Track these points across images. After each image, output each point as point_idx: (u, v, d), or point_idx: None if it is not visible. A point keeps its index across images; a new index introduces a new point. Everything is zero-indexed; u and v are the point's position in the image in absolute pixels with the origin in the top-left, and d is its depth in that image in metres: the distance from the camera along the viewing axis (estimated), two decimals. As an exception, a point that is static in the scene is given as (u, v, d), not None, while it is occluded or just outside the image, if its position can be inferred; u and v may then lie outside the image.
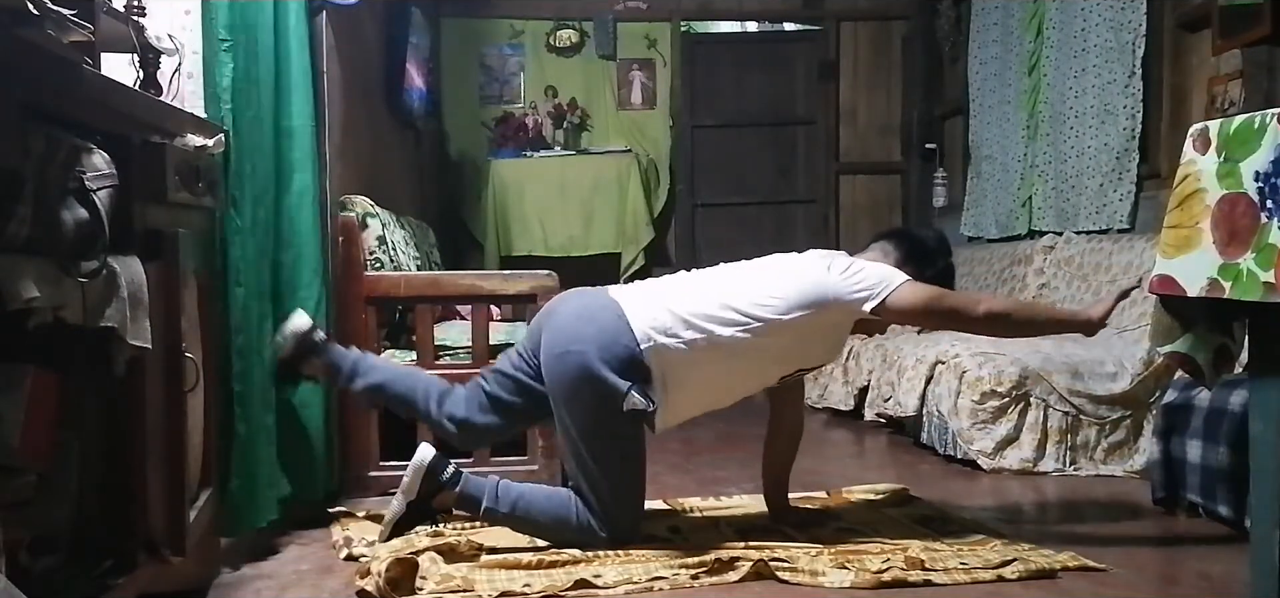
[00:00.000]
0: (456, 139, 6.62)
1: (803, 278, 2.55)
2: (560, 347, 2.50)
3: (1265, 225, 1.71)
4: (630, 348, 2.45)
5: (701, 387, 2.55)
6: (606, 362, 2.43)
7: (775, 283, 2.55)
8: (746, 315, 2.50)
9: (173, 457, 1.91)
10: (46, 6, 1.48)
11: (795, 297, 2.52)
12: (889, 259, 2.67)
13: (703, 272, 2.72)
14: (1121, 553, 2.50)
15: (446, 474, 2.54)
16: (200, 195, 2.08)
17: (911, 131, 6.49)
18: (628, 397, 2.42)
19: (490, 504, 2.53)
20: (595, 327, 2.49)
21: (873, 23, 6.75)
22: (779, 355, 2.58)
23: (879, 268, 2.58)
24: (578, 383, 2.46)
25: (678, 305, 2.52)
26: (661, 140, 6.78)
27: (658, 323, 2.49)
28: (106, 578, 1.72)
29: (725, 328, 2.49)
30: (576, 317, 2.54)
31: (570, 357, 2.47)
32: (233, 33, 2.46)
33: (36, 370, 1.59)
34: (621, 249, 6.52)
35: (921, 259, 2.68)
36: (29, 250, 1.44)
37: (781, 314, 2.50)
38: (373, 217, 3.55)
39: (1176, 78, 4.14)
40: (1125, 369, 3.56)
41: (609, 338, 2.46)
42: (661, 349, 2.47)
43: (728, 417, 2.94)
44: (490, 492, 2.53)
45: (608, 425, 2.47)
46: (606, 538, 2.49)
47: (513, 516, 2.54)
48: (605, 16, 6.68)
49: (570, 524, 2.50)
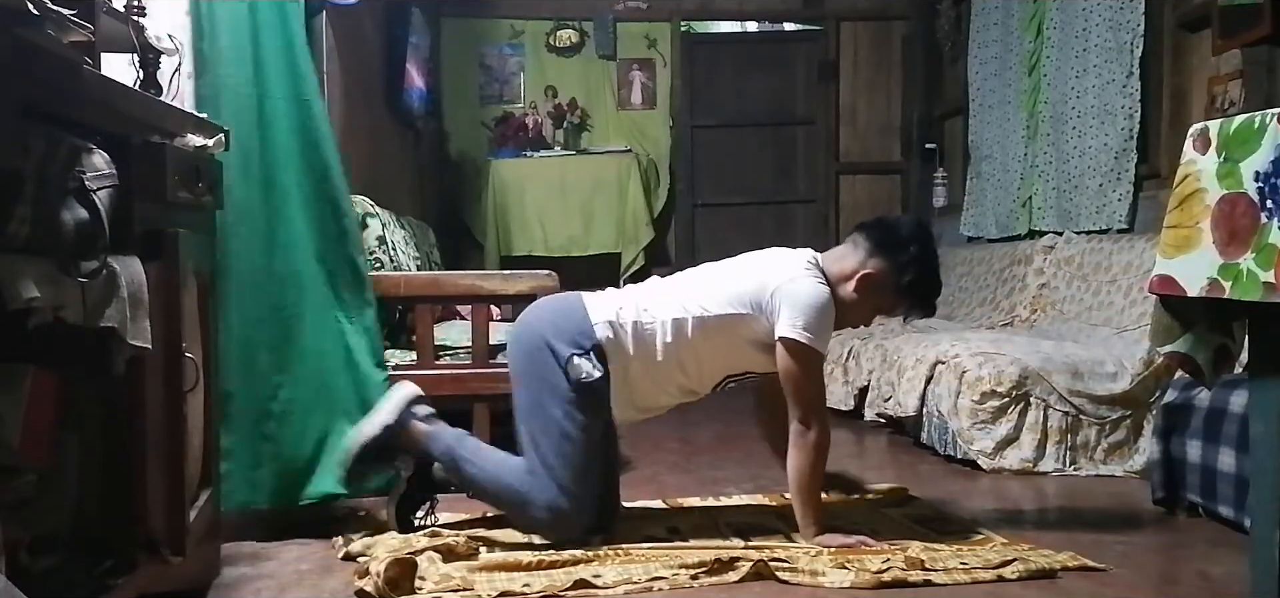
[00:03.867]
0: (456, 139, 6.62)
1: (753, 279, 2.59)
2: (518, 328, 2.68)
3: (1265, 225, 1.71)
4: (584, 327, 2.56)
5: (652, 373, 2.59)
6: (558, 334, 2.56)
7: (729, 280, 2.62)
8: (692, 306, 2.57)
9: (173, 457, 1.90)
10: (46, 6, 1.48)
11: (737, 293, 2.58)
12: (859, 251, 2.64)
13: (684, 271, 2.78)
14: (1121, 553, 2.50)
15: (424, 411, 2.69)
16: (200, 195, 2.08)
17: (911, 132, 6.49)
18: (573, 363, 2.51)
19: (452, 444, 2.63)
20: (552, 310, 2.66)
21: (873, 23, 6.76)
22: (719, 352, 2.61)
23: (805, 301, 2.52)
24: (530, 352, 2.59)
25: (638, 298, 2.63)
26: (661, 140, 6.78)
27: (613, 311, 2.59)
28: (106, 578, 1.72)
29: (671, 314, 2.57)
30: (537, 307, 2.72)
31: (524, 333, 2.64)
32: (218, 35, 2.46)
33: (36, 370, 1.59)
34: (621, 249, 6.53)
35: (893, 247, 2.62)
36: (29, 250, 1.44)
37: (721, 309, 2.57)
38: (373, 217, 3.55)
39: (1176, 78, 4.15)
40: (1125, 369, 3.56)
41: (563, 318, 2.60)
42: (614, 331, 2.56)
43: (728, 417, 2.94)
44: (455, 438, 2.65)
45: (555, 395, 2.53)
46: (548, 517, 2.51)
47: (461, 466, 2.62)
48: (605, 16, 6.68)
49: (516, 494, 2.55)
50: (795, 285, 2.55)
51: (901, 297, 2.65)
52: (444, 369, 3.31)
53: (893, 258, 2.61)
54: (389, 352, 3.38)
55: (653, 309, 2.59)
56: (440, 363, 3.33)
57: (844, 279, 2.62)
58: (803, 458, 2.55)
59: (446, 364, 3.34)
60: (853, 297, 2.62)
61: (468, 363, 3.31)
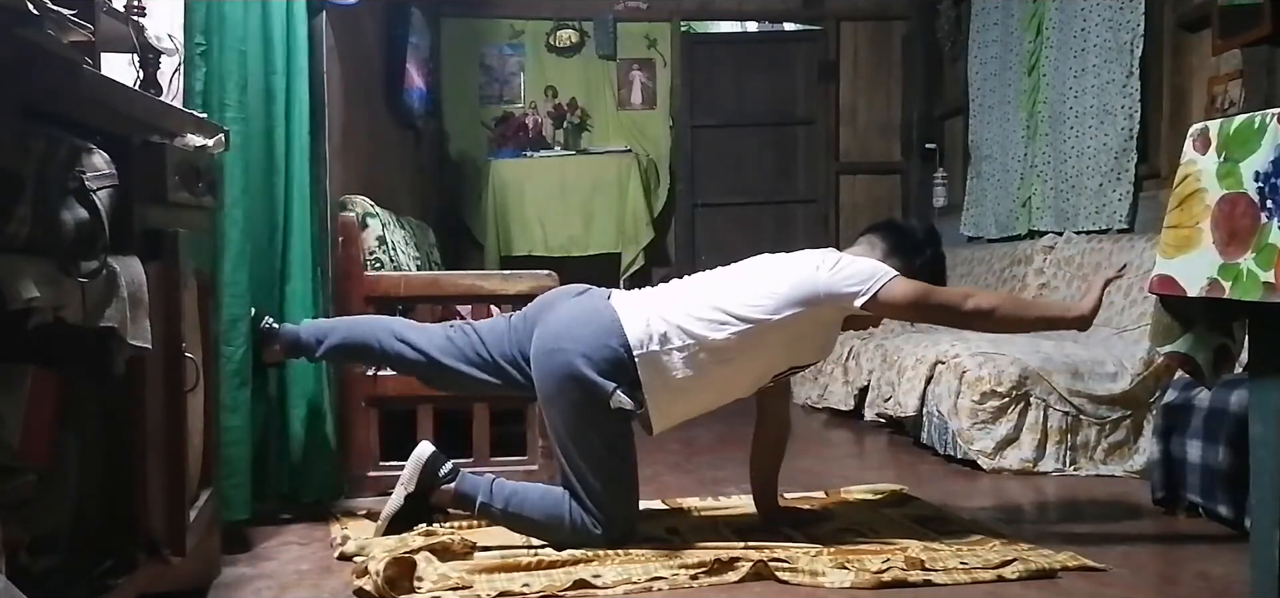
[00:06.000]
0: (456, 139, 6.62)
1: (793, 276, 2.55)
2: (550, 343, 2.51)
3: (1265, 225, 1.71)
4: (618, 351, 2.47)
5: (696, 390, 2.55)
6: (593, 364, 2.45)
7: (766, 283, 2.56)
8: (739, 317, 2.50)
9: (173, 457, 1.90)
10: (46, 6, 1.47)
11: (786, 294, 2.52)
12: (876, 252, 2.66)
13: (698, 276, 2.73)
14: (1121, 553, 2.50)
15: (444, 470, 2.58)
16: (200, 195, 2.08)
17: (911, 131, 6.49)
18: (613, 396, 2.44)
19: (485, 500, 2.55)
20: (588, 329, 2.50)
21: (873, 23, 6.76)
22: (771, 355, 2.58)
23: (867, 263, 2.57)
24: (563, 382, 2.47)
25: (671, 313, 2.53)
26: (661, 140, 6.78)
27: (652, 330, 2.49)
28: (106, 578, 1.72)
29: (718, 332, 2.50)
30: (571, 318, 2.54)
31: (557, 356, 2.48)
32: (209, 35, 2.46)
33: (36, 370, 1.59)
34: (621, 249, 6.53)
35: (909, 250, 2.65)
36: (29, 250, 1.44)
37: (772, 314, 2.51)
38: (373, 217, 3.55)
39: (1176, 78, 4.15)
40: (1125, 369, 3.56)
41: (599, 341, 2.47)
42: (654, 356, 2.48)
43: (728, 417, 2.94)
44: (485, 488, 2.56)
45: (593, 422, 2.47)
46: (602, 536, 2.48)
47: (506, 512, 2.55)
48: (605, 16, 6.68)
49: (564, 524, 2.50)
50: (842, 265, 2.55)
51: None
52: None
53: (909, 259, 2.63)
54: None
55: (697, 331, 2.49)
56: (440, 363, 3.33)
57: None
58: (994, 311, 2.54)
59: (446, 364, 3.34)
60: None
61: (468, 363, 3.30)
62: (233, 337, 2.52)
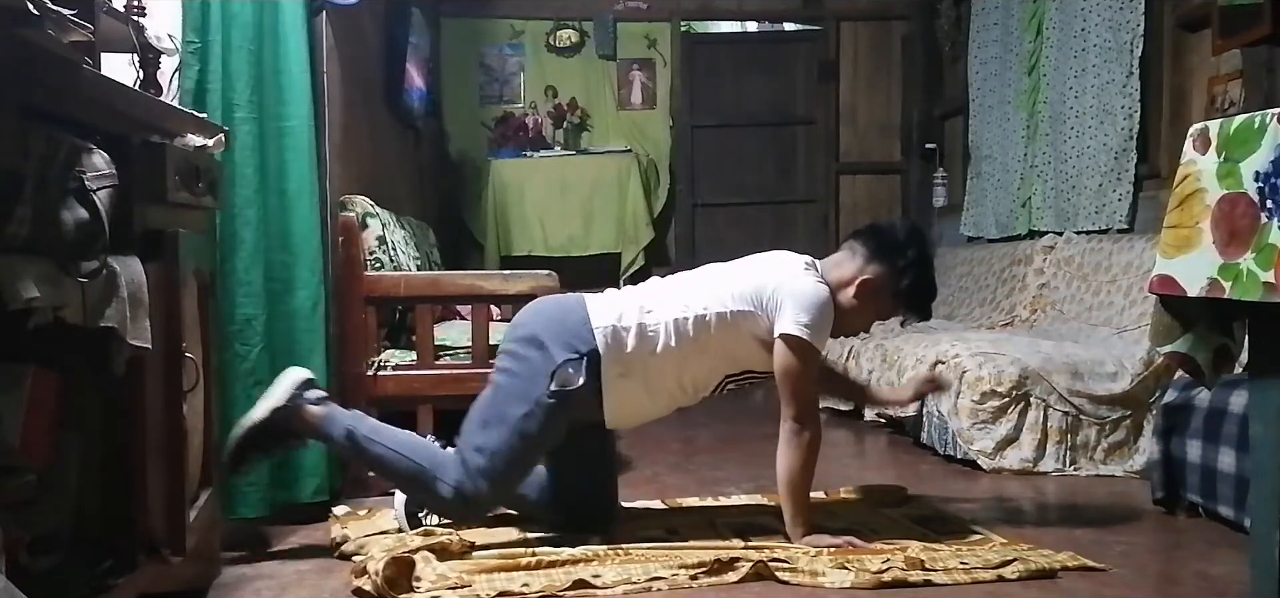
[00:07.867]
0: (456, 139, 6.62)
1: (754, 278, 2.59)
2: (516, 320, 2.69)
3: (1265, 225, 1.71)
4: (579, 330, 2.54)
5: (651, 375, 2.58)
6: (554, 336, 2.54)
7: (730, 279, 2.61)
8: (693, 305, 2.57)
9: (173, 457, 1.91)
10: (46, 6, 1.48)
11: (740, 291, 2.57)
12: (856, 258, 2.65)
13: (685, 272, 2.77)
14: (1121, 553, 2.50)
15: (314, 395, 2.59)
16: (200, 195, 2.08)
17: (911, 131, 6.49)
18: (561, 370, 2.49)
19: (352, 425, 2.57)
20: (552, 308, 2.65)
21: (873, 23, 6.75)
22: (720, 351, 2.60)
23: (817, 304, 2.53)
24: (520, 343, 2.56)
25: (640, 298, 2.62)
26: (661, 140, 6.78)
27: (613, 315, 2.57)
28: (106, 578, 1.72)
29: (672, 315, 2.56)
30: (538, 303, 2.73)
31: (520, 326, 2.62)
32: (205, 35, 2.46)
33: (36, 370, 1.59)
34: (621, 249, 6.53)
35: (890, 252, 2.63)
36: (29, 250, 1.44)
37: (722, 307, 2.56)
38: (373, 217, 3.55)
39: (1176, 78, 4.14)
40: (1125, 369, 3.56)
41: (561, 318, 2.59)
42: (612, 332, 2.54)
43: (728, 417, 2.94)
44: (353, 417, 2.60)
45: (529, 396, 2.51)
46: (450, 498, 2.50)
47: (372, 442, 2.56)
48: (605, 16, 6.68)
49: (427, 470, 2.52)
50: (796, 283, 2.55)
51: (899, 301, 2.65)
52: (444, 369, 3.31)
53: (891, 262, 2.62)
54: (390, 352, 3.39)
55: (655, 310, 2.58)
56: (440, 363, 3.33)
57: (844, 285, 2.62)
58: (794, 456, 2.54)
59: (446, 364, 3.34)
60: (853, 303, 2.62)
61: (468, 363, 3.30)
62: (248, 336, 2.52)
